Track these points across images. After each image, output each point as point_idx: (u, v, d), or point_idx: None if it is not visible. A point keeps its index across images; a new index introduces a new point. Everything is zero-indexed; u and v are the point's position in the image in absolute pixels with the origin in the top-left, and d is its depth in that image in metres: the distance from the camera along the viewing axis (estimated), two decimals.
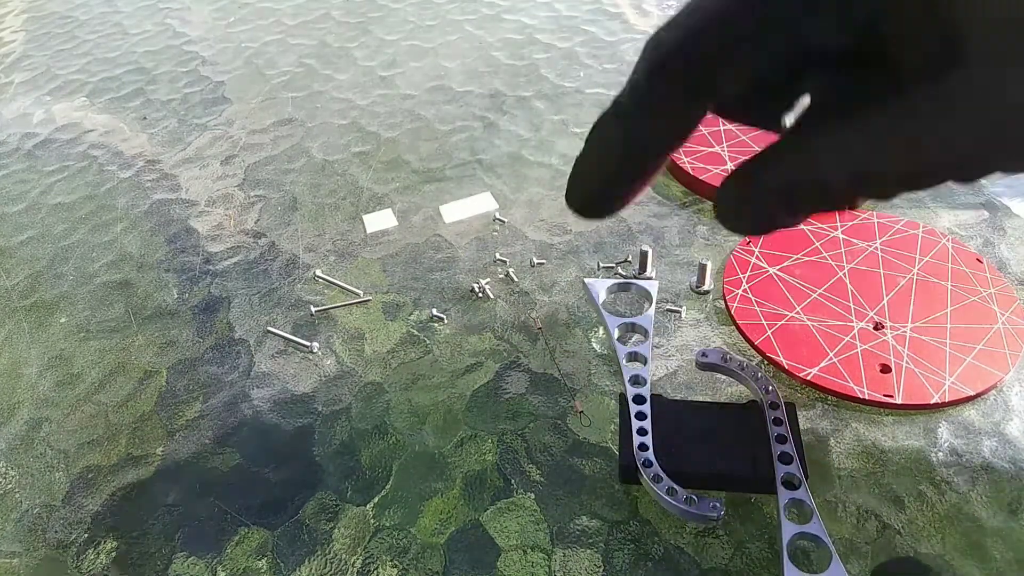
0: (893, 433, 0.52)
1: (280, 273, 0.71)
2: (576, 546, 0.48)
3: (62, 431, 0.58)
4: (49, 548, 0.51)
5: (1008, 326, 0.58)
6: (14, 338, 0.67)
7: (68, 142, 0.94)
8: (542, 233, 0.72)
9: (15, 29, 1.27)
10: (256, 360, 0.62)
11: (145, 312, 0.68)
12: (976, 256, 0.64)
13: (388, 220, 0.75)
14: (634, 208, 0.73)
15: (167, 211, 0.80)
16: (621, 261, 0.67)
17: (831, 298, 0.61)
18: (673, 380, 0.57)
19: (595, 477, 0.51)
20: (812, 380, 0.55)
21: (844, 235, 0.67)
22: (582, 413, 0.55)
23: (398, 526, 0.50)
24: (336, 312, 0.66)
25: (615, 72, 0.95)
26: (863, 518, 0.48)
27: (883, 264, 0.64)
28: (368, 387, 0.59)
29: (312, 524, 0.50)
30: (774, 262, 0.65)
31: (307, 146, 0.88)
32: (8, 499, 0.54)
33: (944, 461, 0.51)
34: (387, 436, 0.55)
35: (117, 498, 0.53)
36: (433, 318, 0.64)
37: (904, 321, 0.59)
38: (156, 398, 0.60)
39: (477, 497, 0.51)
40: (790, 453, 0.48)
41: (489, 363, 0.60)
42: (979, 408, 0.53)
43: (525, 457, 0.53)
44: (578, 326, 0.62)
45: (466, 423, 0.56)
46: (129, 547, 0.50)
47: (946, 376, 0.54)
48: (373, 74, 1.01)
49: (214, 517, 0.52)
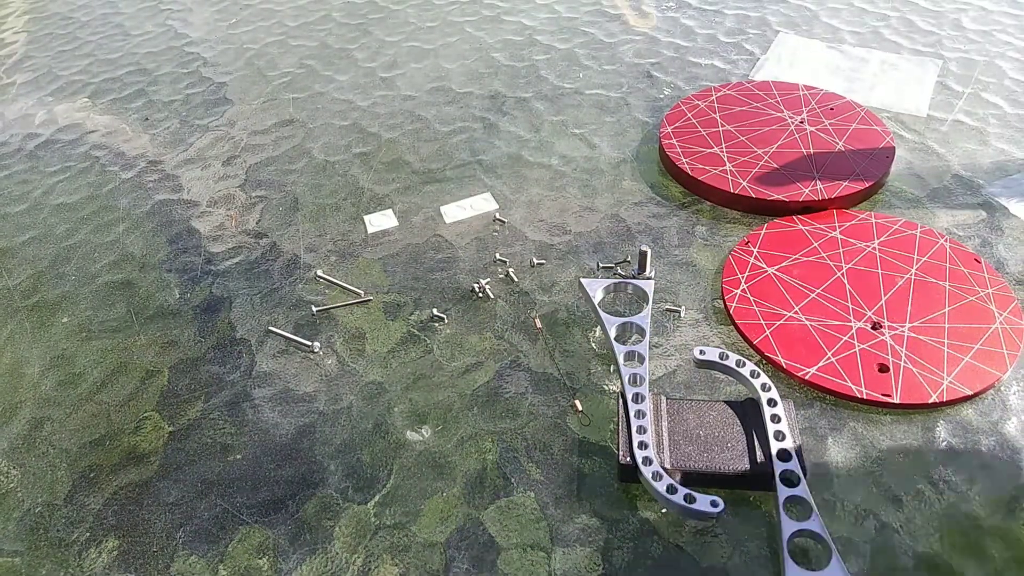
0: (891, 432, 0.52)
1: (281, 273, 0.71)
2: (575, 545, 0.48)
3: (64, 430, 0.59)
4: (51, 547, 0.51)
5: (1006, 326, 0.58)
6: (16, 338, 0.68)
7: (70, 143, 0.94)
8: (542, 233, 0.72)
9: (17, 30, 1.27)
10: (257, 360, 0.63)
11: (147, 312, 0.68)
12: (974, 256, 0.64)
13: (389, 220, 0.76)
14: (633, 208, 0.74)
15: (169, 212, 0.81)
16: (620, 261, 0.68)
17: (829, 298, 0.61)
18: (672, 379, 0.57)
19: (594, 476, 0.52)
20: (810, 380, 0.55)
21: (842, 235, 0.67)
22: (582, 412, 0.55)
23: (399, 525, 0.50)
24: (337, 312, 0.66)
25: (614, 73, 0.96)
26: (861, 517, 0.48)
27: (881, 264, 0.64)
28: (369, 386, 0.59)
29: (313, 523, 0.51)
30: (772, 262, 0.65)
31: (308, 147, 0.88)
32: (10, 498, 0.54)
33: (942, 460, 0.51)
34: (388, 435, 0.56)
35: (119, 497, 0.54)
36: (433, 318, 0.64)
37: (902, 321, 0.59)
38: (158, 397, 0.60)
39: (477, 496, 0.51)
40: (788, 450, 0.48)
41: (489, 363, 0.60)
42: (977, 407, 0.54)
43: (525, 456, 0.53)
44: (577, 326, 0.62)
45: (466, 422, 0.56)
46: (131, 546, 0.51)
47: (944, 376, 0.54)
48: (374, 75, 1.01)
49: (215, 516, 0.52)
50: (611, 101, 0.90)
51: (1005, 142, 0.79)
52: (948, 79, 0.89)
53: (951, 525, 0.47)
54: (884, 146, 0.76)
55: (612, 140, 0.84)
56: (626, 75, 0.95)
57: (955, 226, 0.69)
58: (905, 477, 0.50)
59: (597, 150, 0.82)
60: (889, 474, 0.50)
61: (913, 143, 0.80)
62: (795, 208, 0.71)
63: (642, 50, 1.00)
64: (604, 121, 0.87)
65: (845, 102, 0.83)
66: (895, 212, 0.71)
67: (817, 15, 1.06)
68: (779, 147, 0.77)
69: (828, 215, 0.70)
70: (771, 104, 0.84)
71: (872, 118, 0.80)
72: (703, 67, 0.96)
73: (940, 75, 0.90)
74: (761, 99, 0.85)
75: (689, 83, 0.93)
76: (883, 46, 0.97)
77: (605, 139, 0.84)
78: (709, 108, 0.84)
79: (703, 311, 0.63)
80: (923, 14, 1.04)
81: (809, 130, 0.79)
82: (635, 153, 0.82)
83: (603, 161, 0.80)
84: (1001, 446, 0.51)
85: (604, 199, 0.75)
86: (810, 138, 0.78)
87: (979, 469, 0.50)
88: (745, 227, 0.71)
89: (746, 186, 0.72)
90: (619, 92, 0.92)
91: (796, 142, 0.78)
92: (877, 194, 0.73)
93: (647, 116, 0.87)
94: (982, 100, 0.85)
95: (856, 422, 0.53)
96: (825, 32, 1.01)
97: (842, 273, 0.63)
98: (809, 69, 0.93)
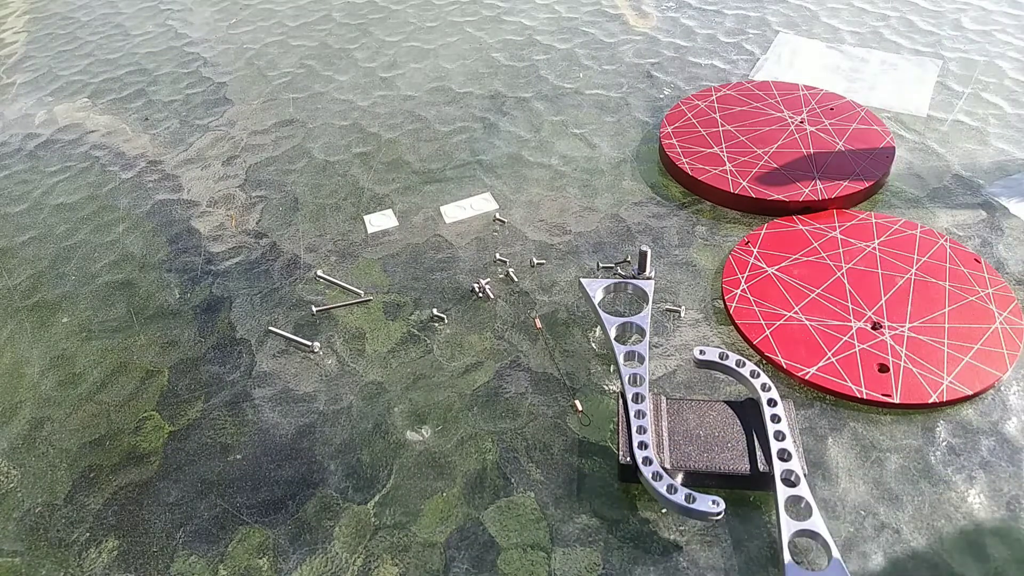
0: (891, 432, 0.52)
1: (281, 273, 0.71)
2: (575, 545, 0.48)
3: (64, 430, 0.59)
4: (51, 547, 0.51)
5: (1006, 326, 0.58)
6: (16, 338, 0.68)
7: (70, 143, 0.94)
8: (542, 233, 0.72)
9: (17, 30, 1.27)
10: (257, 360, 0.63)
11: (147, 312, 0.68)
12: (974, 256, 0.64)
13: (389, 220, 0.76)
14: (633, 208, 0.74)
15: (169, 212, 0.81)
16: (620, 261, 0.68)
17: (829, 298, 0.61)
18: (672, 379, 0.57)
19: (594, 476, 0.52)
20: (810, 380, 0.55)
21: (842, 235, 0.67)
22: (582, 412, 0.55)
23: (398, 525, 0.50)
24: (337, 312, 0.66)
25: (614, 73, 0.96)
26: (861, 516, 0.48)
27: (881, 264, 0.64)
28: (369, 386, 0.59)
29: (313, 523, 0.51)
30: (772, 262, 0.65)
31: (308, 147, 0.88)
32: (10, 498, 0.54)
33: (942, 460, 0.51)
34: (388, 435, 0.56)
35: (119, 497, 0.54)
36: (433, 318, 0.64)
37: (902, 321, 0.59)
38: (158, 397, 0.60)
39: (477, 496, 0.51)
40: (789, 450, 0.48)
41: (489, 363, 0.60)
42: (977, 407, 0.54)
43: (525, 456, 0.53)
44: (577, 326, 0.62)
45: (466, 422, 0.56)
46: (131, 546, 0.51)
47: (944, 376, 0.54)
48: (374, 75, 1.01)
49: (215, 516, 0.52)
50: (611, 101, 0.90)
51: (1005, 142, 0.79)
52: (948, 79, 0.89)
53: (951, 525, 0.47)
54: (884, 146, 0.76)
55: (612, 140, 0.84)
56: (626, 75, 0.95)
57: (955, 226, 0.69)
58: (905, 477, 0.50)
59: (597, 150, 0.82)
60: (889, 474, 0.50)
61: (913, 143, 0.80)
62: (795, 208, 0.71)
63: (642, 50, 1.00)
64: (604, 121, 0.87)
65: (845, 102, 0.83)
66: (895, 212, 0.71)
67: (817, 15, 1.06)
68: (779, 147, 0.77)
69: (828, 215, 0.70)
70: (771, 104, 0.84)
71: (872, 118, 0.80)
72: (703, 67, 0.96)
73: (940, 75, 0.90)
74: (761, 99, 0.85)
75: (689, 83, 0.92)
76: (883, 46, 0.97)
77: (605, 139, 0.84)
78: (709, 108, 0.84)
79: (703, 311, 0.63)
80: (923, 14, 1.04)
81: (809, 130, 0.79)
82: (635, 153, 0.81)
83: (603, 161, 0.80)
84: (1001, 446, 0.51)
85: (604, 199, 0.75)
86: (810, 138, 0.78)
87: (979, 469, 0.50)
88: (745, 227, 0.71)
89: (746, 186, 0.72)
90: (619, 92, 0.92)
91: (796, 142, 0.78)
92: (877, 194, 0.73)
93: (647, 116, 0.87)
94: (982, 100, 0.85)
95: (856, 422, 0.53)
96: (825, 32, 1.01)
97: (842, 273, 0.63)
98: (809, 69, 0.93)
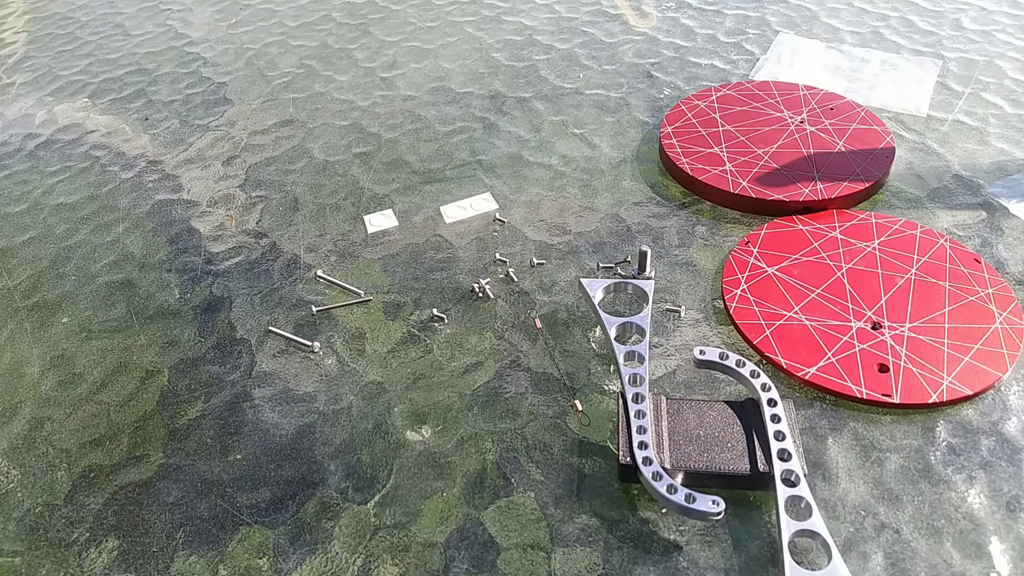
0: (891, 432, 0.52)
1: (281, 273, 0.71)
2: (575, 545, 0.48)
3: (64, 430, 0.59)
4: (51, 547, 0.51)
5: (1006, 326, 0.58)
6: (16, 338, 0.68)
7: (70, 143, 0.94)
8: (542, 233, 0.72)
9: (17, 30, 1.27)
10: (257, 360, 0.63)
11: (147, 312, 0.68)
12: (974, 256, 0.64)
13: (389, 220, 0.76)
14: (633, 208, 0.74)
15: (169, 211, 0.81)
16: (620, 261, 0.68)
17: (829, 298, 0.61)
18: (672, 379, 0.57)
19: (594, 476, 0.52)
20: (810, 380, 0.55)
21: (842, 235, 0.67)
22: (582, 412, 0.55)
23: (398, 525, 0.50)
24: (337, 312, 0.66)
25: (614, 73, 0.96)
26: (861, 516, 0.48)
27: (881, 264, 0.64)
28: (369, 386, 0.59)
29: (313, 523, 0.51)
30: (772, 262, 0.65)
31: (308, 147, 0.88)
32: (10, 498, 0.54)
33: (942, 460, 0.51)
34: (388, 435, 0.56)
35: (119, 497, 0.54)
36: (433, 318, 0.64)
37: (902, 321, 0.59)
38: (158, 397, 0.60)
39: (477, 496, 0.51)
40: (789, 450, 0.48)
41: (489, 363, 0.60)
42: (977, 407, 0.54)
43: (525, 456, 0.53)
44: (577, 326, 0.62)
45: (466, 422, 0.56)
46: (131, 546, 0.51)
47: (944, 376, 0.54)
48: (374, 75, 1.01)
49: (215, 516, 0.52)
50: (611, 101, 0.90)
51: (1005, 142, 0.79)
52: (948, 79, 0.89)
53: (951, 525, 0.47)
54: (884, 146, 0.76)
55: (612, 140, 0.84)
56: (626, 75, 0.95)
57: (955, 226, 0.69)
58: (905, 477, 0.50)
59: (597, 150, 0.82)
60: (889, 474, 0.50)
61: (913, 143, 0.80)
62: (795, 208, 0.71)
63: (642, 50, 1.00)
64: (604, 121, 0.87)
65: (845, 102, 0.83)
66: (895, 212, 0.71)
67: (817, 15, 1.06)
68: (779, 147, 0.77)
69: (828, 215, 0.70)
70: (771, 104, 0.84)
71: (872, 118, 0.80)
72: (703, 67, 0.96)
73: (940, 75, 0.90)
74: (761, 99, 0.85)
75: (689, 83, 0.93)
76: (883, 46, 0.97)
77: (605, 139, 0.84)
78: (709, 108, 0.84)
79: (703, 311, 0.63)
80: (923, 14, 1.04)
81: (809, 130, 0.79)
82: (635, 153, 0.81)
83: (603, 161, 0.80)
84: (1001, 446, 0.51)
85: (604, 199, 0.75)
86: (810, 138, 0.78)
87: (979, 469, 0.50)
88: (745, 227, 0.71)
89: (746, 186, 0.72)
90: (619, 92, 0.92)
91: (796, 142, 0.78)
92: (877, 194, 0.73)
93: (647, 116, 0.87)
94: (982, 100, 0.85)
95: (856, 422, 0.53)
96: (825, 32, 1.01)
97: (842, 273, 0.63)
98: (809, 69, 0.93)
